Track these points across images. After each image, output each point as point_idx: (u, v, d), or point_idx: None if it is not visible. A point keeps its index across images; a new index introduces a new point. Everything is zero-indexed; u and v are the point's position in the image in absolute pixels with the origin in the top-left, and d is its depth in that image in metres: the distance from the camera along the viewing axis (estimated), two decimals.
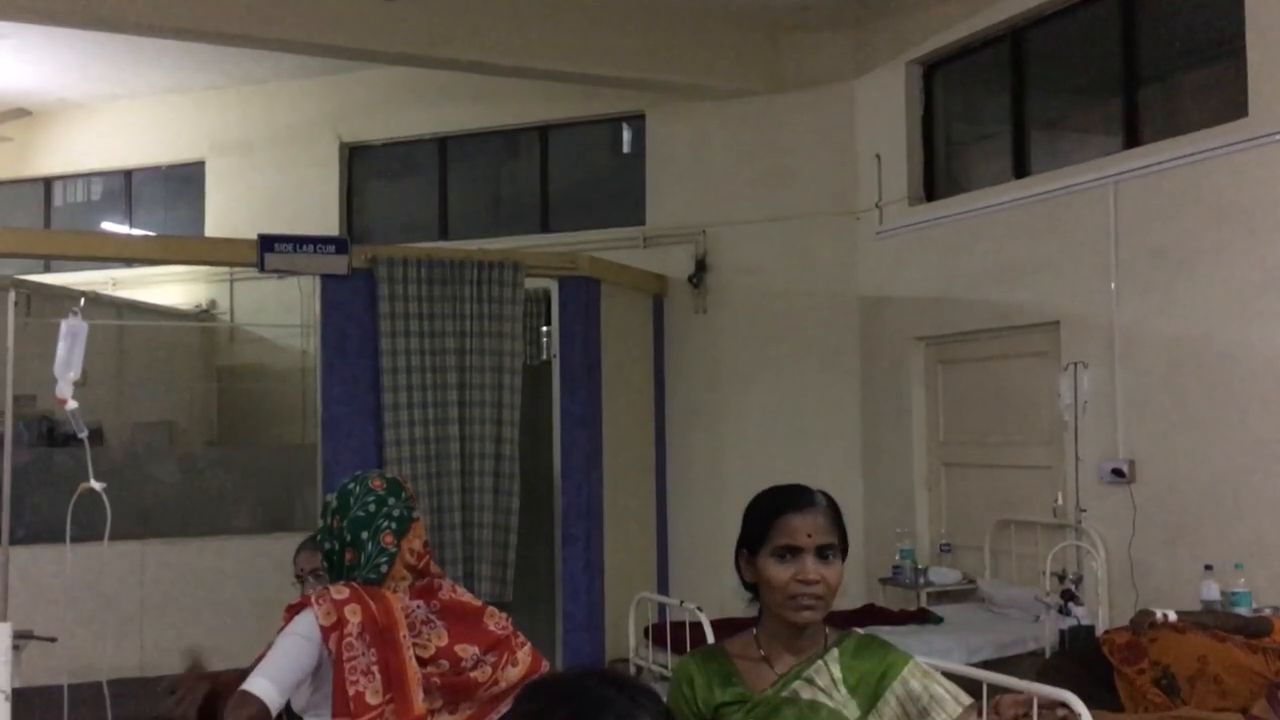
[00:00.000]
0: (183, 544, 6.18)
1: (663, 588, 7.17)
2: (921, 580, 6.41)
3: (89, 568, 5.33)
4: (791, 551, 2.07)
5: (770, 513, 2.10)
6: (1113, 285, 5.63)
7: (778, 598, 2.08)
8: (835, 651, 2.14)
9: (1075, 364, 5.77)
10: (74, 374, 2.16)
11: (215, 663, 3.41)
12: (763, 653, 2.17)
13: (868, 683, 2.10)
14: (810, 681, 2.11)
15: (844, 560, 2.12)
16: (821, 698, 2.09)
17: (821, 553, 2.08)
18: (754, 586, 2.19)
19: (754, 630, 2.23)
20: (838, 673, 2.11)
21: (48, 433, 6.62)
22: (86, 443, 2.23)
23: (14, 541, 5.20)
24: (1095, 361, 5.71)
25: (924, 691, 2.08)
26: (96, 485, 2.18)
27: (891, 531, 6.83)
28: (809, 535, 2.07)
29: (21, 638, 2.13)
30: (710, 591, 5.84)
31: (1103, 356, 5.68)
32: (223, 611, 5.91)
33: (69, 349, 2.16)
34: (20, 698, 2.99)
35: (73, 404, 2.17)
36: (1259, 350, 5.02)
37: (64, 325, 2.22)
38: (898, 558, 6.64)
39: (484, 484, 6.07)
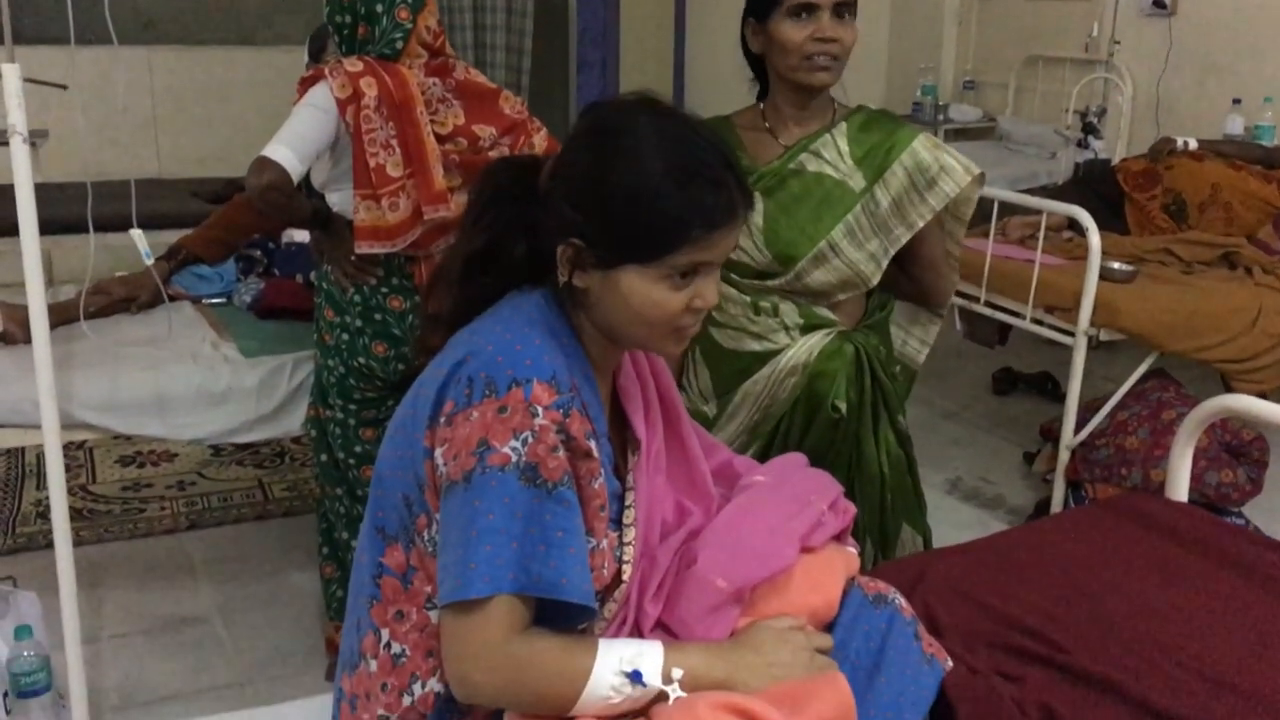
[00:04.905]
0: (190, 53, 6.05)
1: None
2: (941, 117, 6.29)
3: (97, 71, 5.28)
4: (808, 10, 1.97)
5: None
6: None
7: (793, 60, 2.00)
8: (843, 125, 2.10)
9: None
10: None
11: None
12: (768, 125, 2.12)
13: (875, 155, 2.06)
14: (817, 154, 2.08)
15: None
16: (828, 169, 2.07)
17: (838, 11, 1.98)
18: (760, 61, 2.11)
19: (760, 104, 2.17)
20: (844, 145, 2.08)
21: None
22: None
23: (18, 41, 5.10)
24: None
25: (934, 162, 2.04)
26: None
27: (915, 69, 6.64)
28: None
29: (31, 81, 2.08)
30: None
31: None
32: (234, 122, 5.92)
33: None
34: (44, 191, 3.01)
35: None
36: None
37: None
38: (919, 94, 6.50)
39: (496, 3, 5.83)
